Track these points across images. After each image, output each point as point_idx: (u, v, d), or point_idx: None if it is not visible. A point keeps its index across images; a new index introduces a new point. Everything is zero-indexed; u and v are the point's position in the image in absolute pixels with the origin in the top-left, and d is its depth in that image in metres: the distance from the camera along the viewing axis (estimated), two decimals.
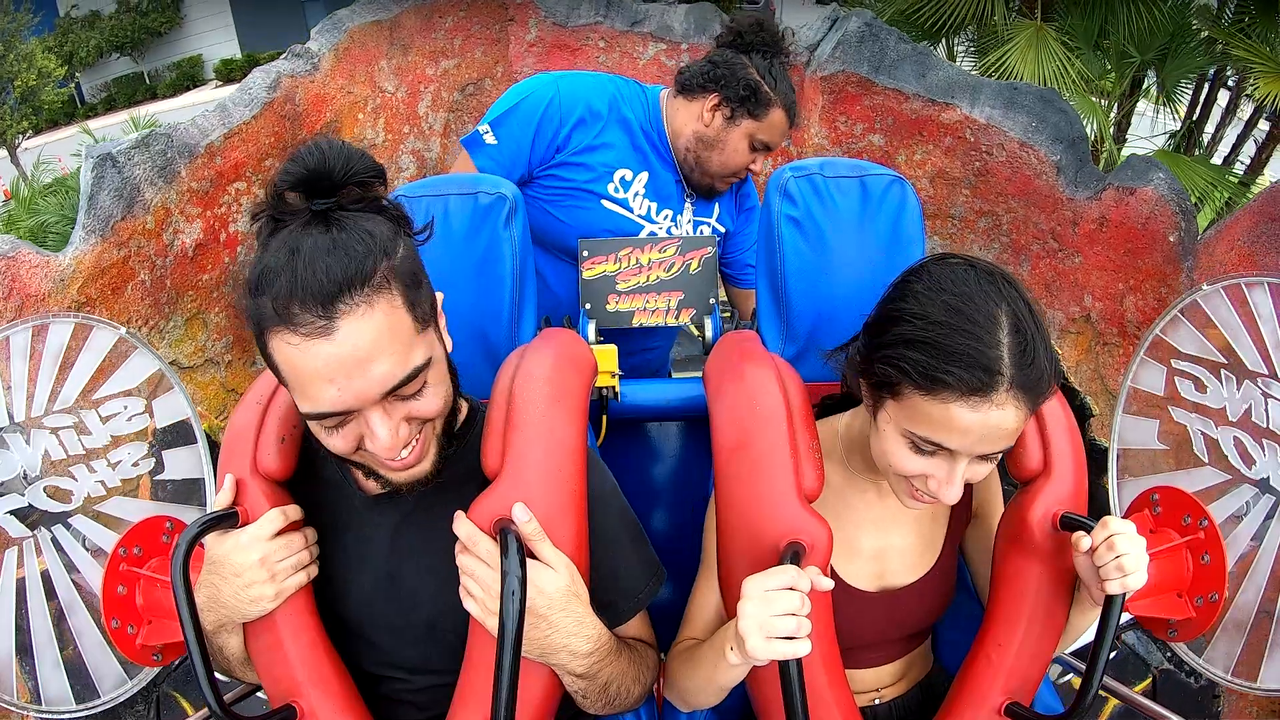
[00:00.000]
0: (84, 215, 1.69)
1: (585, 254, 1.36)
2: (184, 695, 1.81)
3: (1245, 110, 4.01)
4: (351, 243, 0.68)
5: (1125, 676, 1.78)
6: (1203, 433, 1.28)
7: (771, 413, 0.89)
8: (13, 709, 1.18)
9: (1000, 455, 0.78)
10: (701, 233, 1.58)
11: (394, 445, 0.72)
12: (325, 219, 0.70)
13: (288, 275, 0.66)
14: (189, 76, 14.81)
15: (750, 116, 1.43)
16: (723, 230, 1.62)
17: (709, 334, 1.34)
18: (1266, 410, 1.21)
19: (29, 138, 10.75)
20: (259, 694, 0.99)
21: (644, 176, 1.50)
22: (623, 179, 1.48)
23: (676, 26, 2.52)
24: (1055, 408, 0.91)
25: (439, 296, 0.82)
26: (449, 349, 0.82)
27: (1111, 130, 3.89)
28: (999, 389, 0.71)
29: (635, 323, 1.37)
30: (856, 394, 0.88)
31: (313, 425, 0.74)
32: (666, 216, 1.53)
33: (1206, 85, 4.07)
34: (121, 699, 1.22)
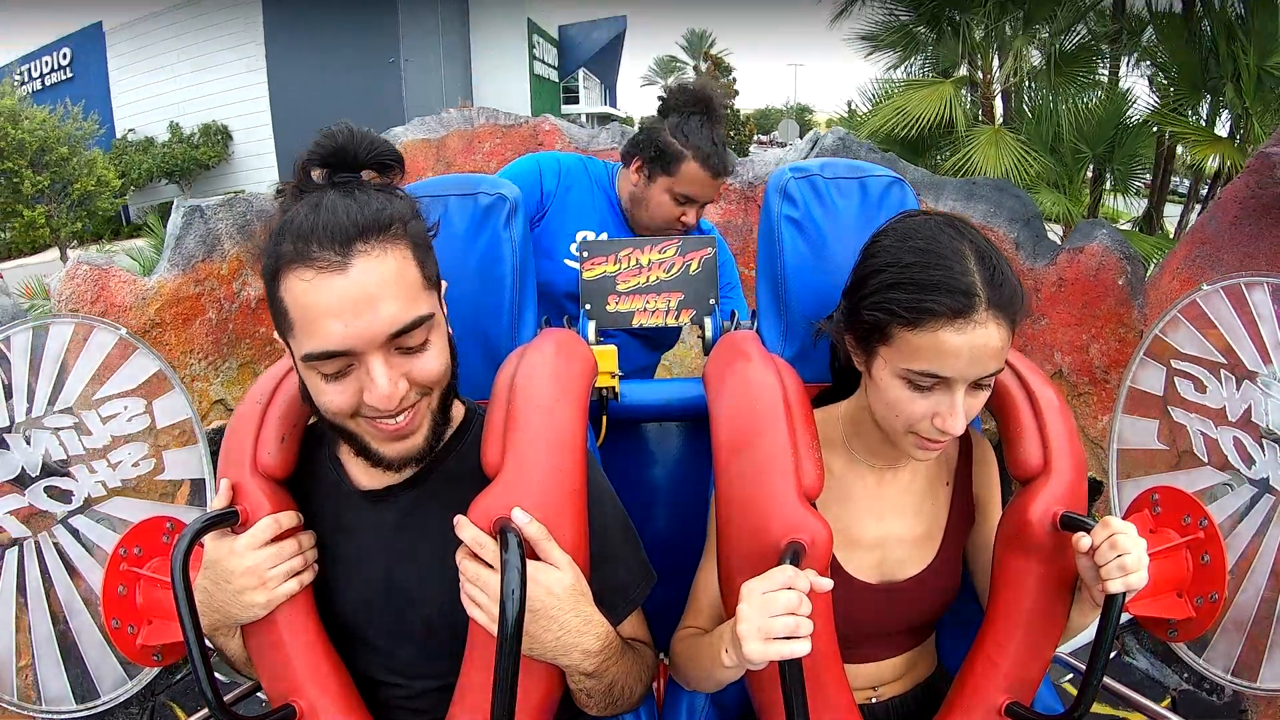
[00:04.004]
0: (170, 252, 1.96)
1: (585, 254, 1.36)
2: (180, 705, 1.81)
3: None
4: (373, 201, 0.73)
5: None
6: (1203, 433, 1.28)
7: (772, 412, 0.89)
8: (12, 709, 1.19)
9: (991, 382, 0.83)
10: None
11: (392, 395, 0.72)
12: (346, 188, 0.74)
13: (310, 218, 0.70)
14: None
15: (664, 173, 1.58)
16: None
17: (709, 334, 1.34)
18: (1266, 410, 1.21)
19: (73, 247, 11.12)
20: (259, 694, 0.99)
21: (604, 237, 1.66)
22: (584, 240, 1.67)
23: None
24: (1054, 408, 0.92)
25: (444, 284, 0.84)
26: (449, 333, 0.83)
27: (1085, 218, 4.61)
28: (979, 309, 0.77)
29: (635, 323, 1.37)
30: (847, 360, 0.92)
31: (311, 378, 0.74)
32: None
33: (1161, 174, 5.01)
34: (122, 699, 1.22)
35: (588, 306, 1.37)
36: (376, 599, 0.86)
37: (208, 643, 0.85)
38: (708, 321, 1.35)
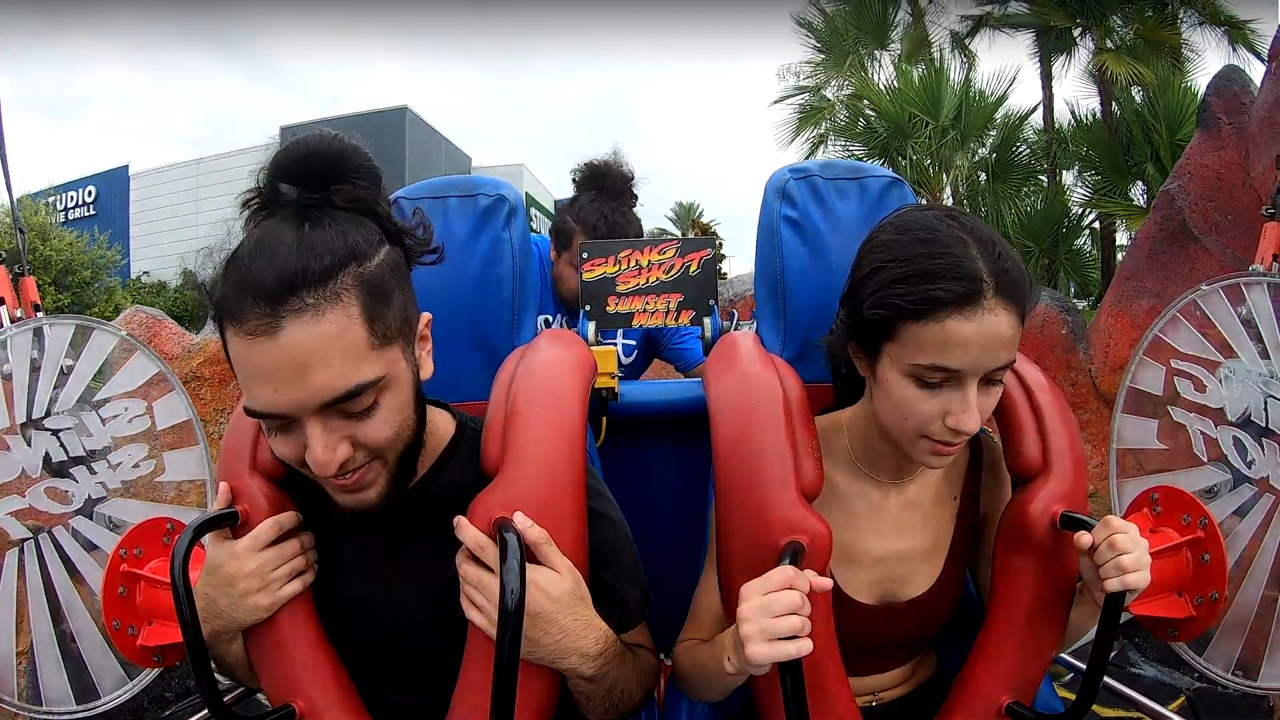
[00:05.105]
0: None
1: (585, 256, 1.36)
2: None
3: None
4: (318, 241, 0.65)
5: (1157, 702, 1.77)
6: (1202, 432, 1.28)
7: (770, 412, 0.89)
8: (13, 709, 1.19)
9: (1002, 376, 0.79)
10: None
11: (327, 462, 0.68)
12: (306, 213, 0.67)
13: (245, 268, 0.64)
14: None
15: (565, 248, 1.80)
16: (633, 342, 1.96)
17: (709, 334, 1.34)
18: (1266, 410, 1.21)
19: None
20: (259, 695, 0.99)
21: (559, 318, 1.83)
22: (544, 321, 1.87)
23: None
24: (1053, 406, 0.91)
25: (426, 318, 0.78)
26: (425, 375, 0.78)
27: None
28: (986, 294, 0.74)
29: (635, 324, 1.37)
30: (845, 364, 0.89)
31: (263, 426, 0.72)
32: None
33: (1105, 255, 6.28)
34: (122, 699, 1.22)
35: (588, 307, 1.37)
36: (366, 615, 0.84)
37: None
38: (707, 322, 1.35)
